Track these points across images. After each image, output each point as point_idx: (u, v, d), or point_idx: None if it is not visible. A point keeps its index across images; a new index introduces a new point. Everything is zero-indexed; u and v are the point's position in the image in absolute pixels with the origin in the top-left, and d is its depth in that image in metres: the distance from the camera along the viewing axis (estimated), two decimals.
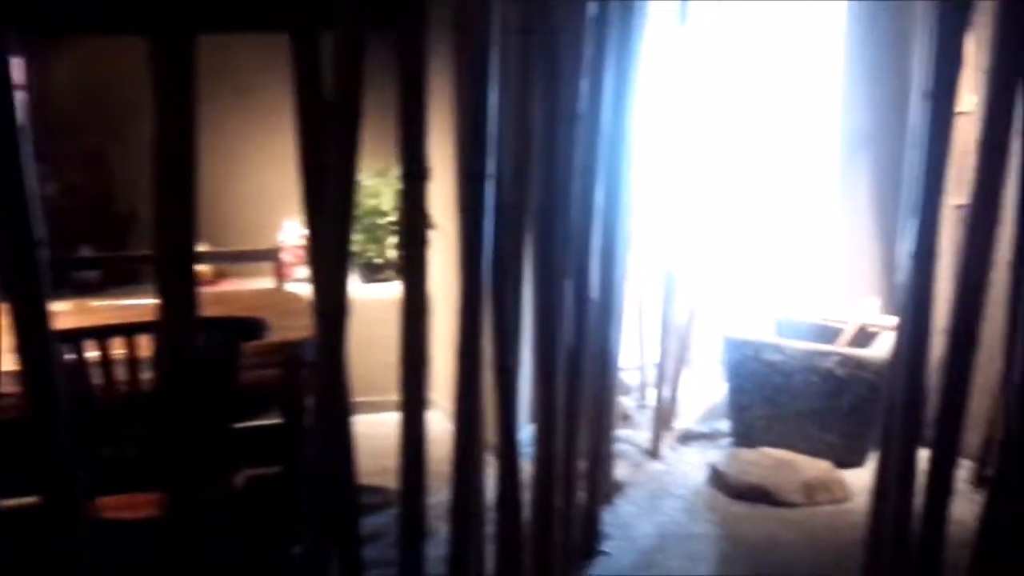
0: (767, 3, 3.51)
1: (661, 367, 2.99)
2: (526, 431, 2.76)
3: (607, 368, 2.33)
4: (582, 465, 2.26)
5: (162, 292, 1.18)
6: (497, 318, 1.66)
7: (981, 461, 2.56)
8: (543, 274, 1.88)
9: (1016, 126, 1.68)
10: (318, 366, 1.33)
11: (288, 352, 1.78)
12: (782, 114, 3.72)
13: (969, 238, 1.71)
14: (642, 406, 3.33)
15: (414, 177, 1.39)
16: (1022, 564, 1.52)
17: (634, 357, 3.39)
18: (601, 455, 2.39)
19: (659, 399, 2.96)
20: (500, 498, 1.85)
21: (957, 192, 2.73)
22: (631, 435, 3.04)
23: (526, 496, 1.93)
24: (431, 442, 1.61)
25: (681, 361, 3.19)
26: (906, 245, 1.82)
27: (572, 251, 1.95)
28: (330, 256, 1.30)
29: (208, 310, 1.31)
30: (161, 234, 1.19)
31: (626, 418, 3.21)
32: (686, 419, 3.26)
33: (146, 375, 1.58)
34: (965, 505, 2.23)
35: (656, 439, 2.93)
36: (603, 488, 2.44)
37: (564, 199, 1.86)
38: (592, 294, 2.08)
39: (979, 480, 2.54)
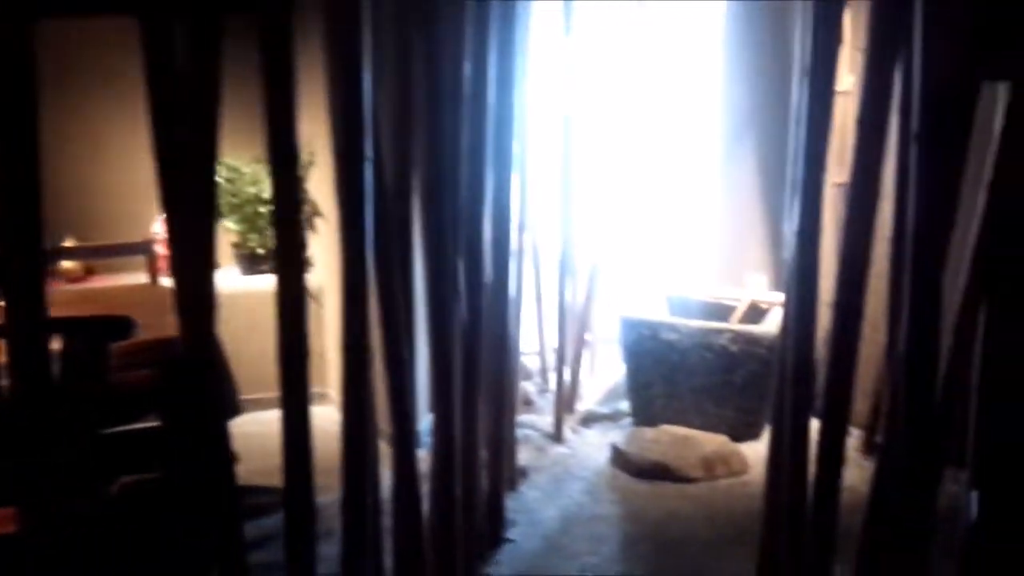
0: None
1: (561, 350, 2.99)
2: (426, 421, 2.71)
3: (506, 353, 2.29)
4: (484, 453, 2.23)
5: (8, 293, 1.07)
6: (384, 306, 1.60)
7: (869, 429, 2.66)
8: (433, 259, 1.82)
9: (894, 104, 1.72)
10: (184, 365, 1.24)
11: (161, 351, 1.67)
12: (669, 99, 3.78)
13: (851, 215, 1.74)
14: (544, 390, 3.32)
15: (283, 162, 1.30)
16: (911, 530, 1.56)
17: (535, 341, 3.38)
18: (503, 441, 2.36)
19: (560, 382, 2.96)
20: (396, 491, 1.79)
21: (837, 170, 2.83)
22: (534, 420, 3.03)
23: (426, 487, 1.89)
24: (327, 438, 1.54)
25: (581, 343, 3.20)
26: (791, 222, 1.85)
27: (463, 234, 1.90)
28: (192, 248, 1.21)
29: (73, 309, 1.20)
30: (5, 231, 1.08)
31: (528, 403, 3.20)
32: (588, 401, 3.27)
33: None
34: (856, 472, 2.31)
35: (558, 422, 2.93)
36: (506, 475, 2.41)
37: (452, 181, 1.81)
38: (485, 278, 2.04)
39: (868, 447, 2.64)
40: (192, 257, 1.25)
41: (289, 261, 1.31)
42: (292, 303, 1.32)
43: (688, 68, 3.68)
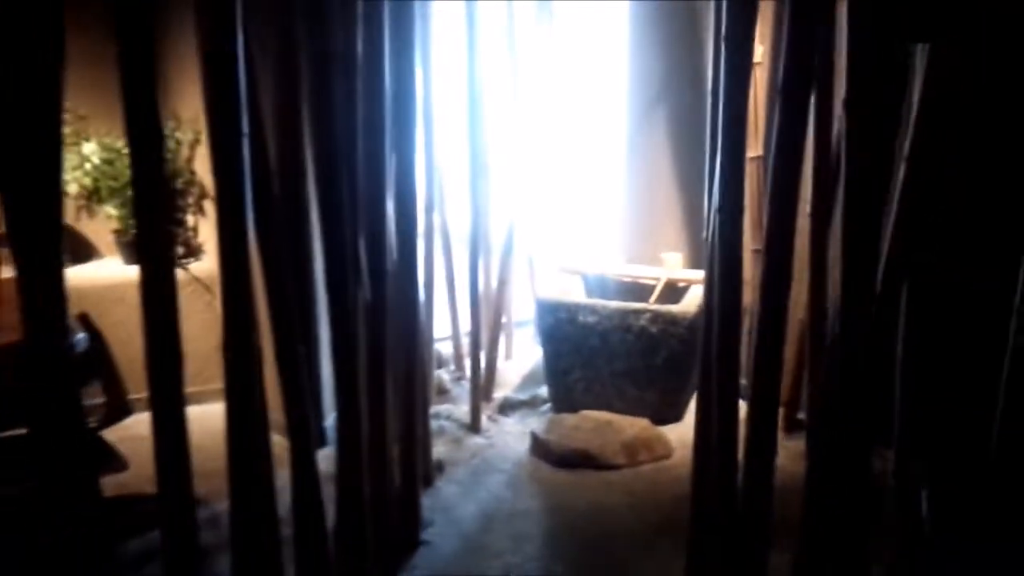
0: None
1: (475, 335, 2.86)
2: (332, 417, 2.55)
3: (416, 340, 2.15)
4: (396, 448, 2.08)
5: None
6: (272, 295, 1.43)
7: (790, 406, 2.62)
8: (330, 241, 1.66)
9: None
10: (32, 368, 1.06)
11: (16, 354, 1.46)
12: (578, 74, 3.68)
13: (775, 189, 1.65)
14: (459, 378, 3.18)
15: (142, 138, 1.12)
16: (848, 511, 1.50)
17: (448, 326, 3.24)
18: (416, 435, 2.21)
19: (476, 369, 2.82)
20: (295, 496, 1.63)
21: (752, 144, 2.79)
22: (450, 409, 2.89)
23: (331, 490, 1.73)
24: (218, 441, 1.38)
25: (497, 328, 3.08)
26: (712, 199, 1.76)
27: (363, 215, 1.74)
28: (36, 237, 1.03)
29: None
30: None
31: (443, 392, 3.06)
32: (505, 388, 3.15)
33: None
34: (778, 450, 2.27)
35: (475, 411, 2.80)
36: (421, 471, 2.27)
37: (347, 159, 1.64)
38: (390, 261, 1.89)
39: (788, 425, 2.61)
40: (36, 248, 1.06)
41: (153, 252, 1.14)
42: (159, 299, 1.14)
43: (595, 39, 3.58)
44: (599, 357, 2.74)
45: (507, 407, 2.98)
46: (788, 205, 1.64)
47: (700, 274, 2.95)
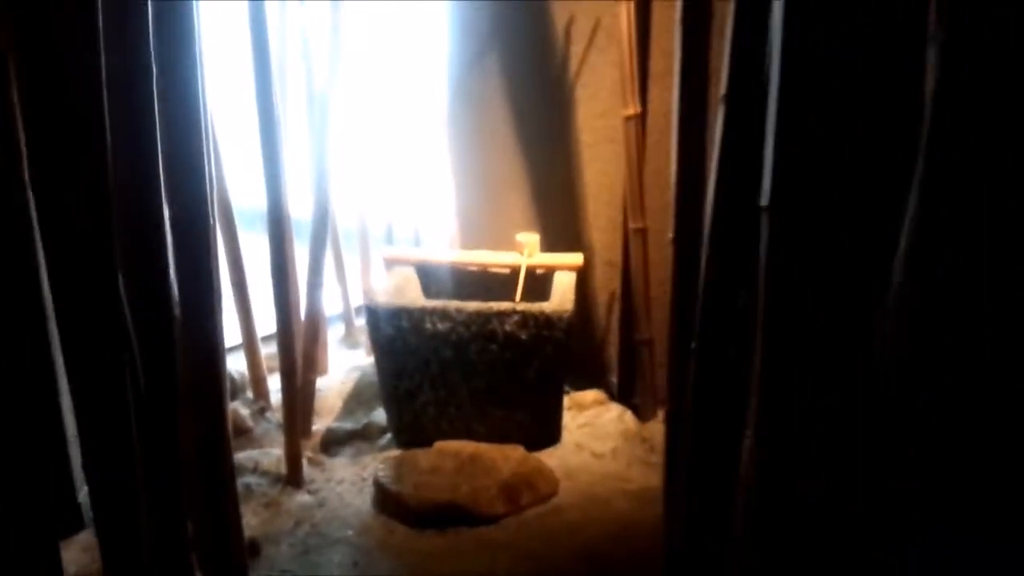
0: None
1: (287, 349, 2.12)
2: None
3: (215, 370, 1.45)
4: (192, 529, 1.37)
5: None
6: None
7: None
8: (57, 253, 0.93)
9: None
10: None
11: None
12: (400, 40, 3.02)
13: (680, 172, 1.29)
14: (262, 410, 2.44)
15: None
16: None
17: (241, 339, 2.48)
18: (224, 510, 1.52)
19: (290, 396, 2.10)
20: None
21: (628, 101, 2.31)
22: (255, 458, 2.15)
23: None
24: None
25: (313, 337, 2.36)
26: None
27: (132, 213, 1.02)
28: None
29: None
30: None
31: (242, 432, 2.31)
32: (326, 415, 2.46)
33: None
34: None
35: (293, 457, 2.09)
36: (225, 561, 1.57)
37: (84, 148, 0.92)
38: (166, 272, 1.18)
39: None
40: None
41: None
42: None
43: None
44: (454, 372, 2.14)
45: (333, 443, 2.29)
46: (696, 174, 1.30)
47: (563, 257, 2.44)
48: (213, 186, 2.06)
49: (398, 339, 2.12)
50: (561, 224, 2.60)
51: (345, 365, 2.79)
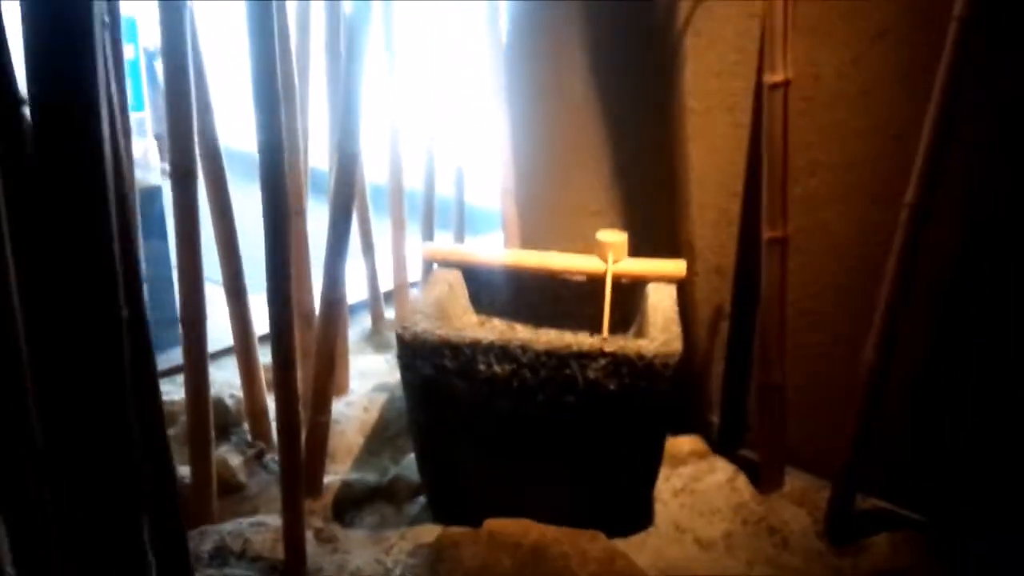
0: None
1: (284, 384, 1.54)
2: None
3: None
4: None
5: None
6: None
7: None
8: None
9: None
10: None
11: None
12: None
13: None
14: (260, 454, 1.88)
15: None
16: None
17: (239, 358, 1.91)
18: None
19: (286, 457, 1.53)
20: None
21: (777, 64, 1.65)
22: (247, 533, 1.59)
23: None
24: None
25: (328, 352, 1.77)
26: None
27: None
28: None
29: None
30: None
31: (234, 489, 1.77)
32: (341, 458, 1.90)
33: None
34: None
35: (292, 537, 1.54)
36: None
37: None
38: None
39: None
40: None
41: None
42: None
43: None
44: (513, 430, 1.57)
45: (349, 504, 1.74)
46: None
47: (659, 265, 1.83)
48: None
49: (439, 383, 1.54)
50: (651, 216, 1.98)
51: (370, 379, 2.22)
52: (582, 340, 1.51)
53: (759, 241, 1.80)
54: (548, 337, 1.52)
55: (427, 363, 1.53)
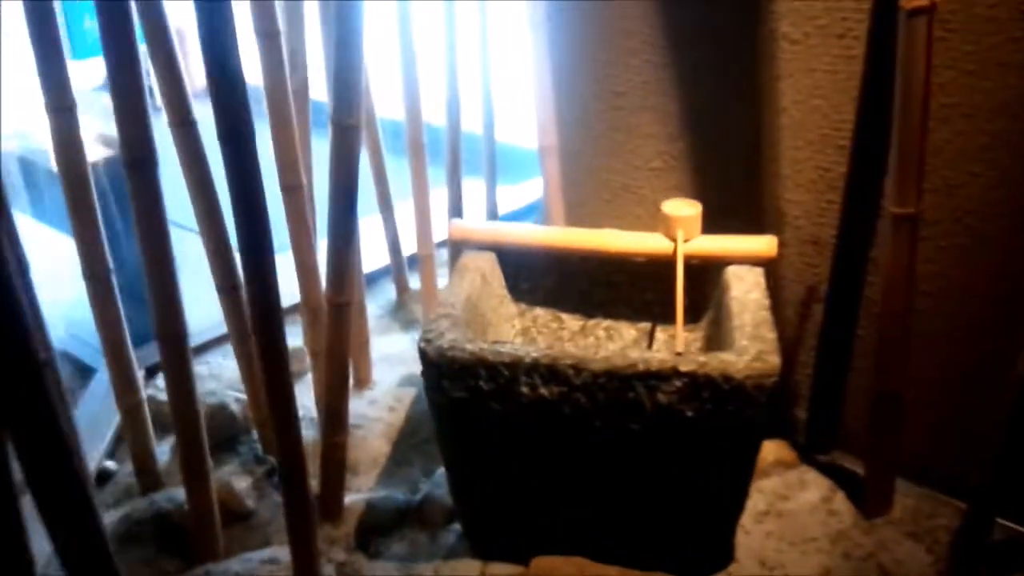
0: None
1: (277, 390, 1.24)
2: None
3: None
4: None
5: None
6: None
7: None
8: None
9: None
10: None
11: None
12: None
13: None
14: (271, 471, 1.62)
15: None
16: None
17: (239, 360, 1.64)
18: None
19: (286, 467, 1.26)
20: None
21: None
22: (259, 567, 1.36)
23: None
24: None
25: (340, 339, 1.48)
26: None
27: None
28: None
29: None
30: None
31: (239, 516, 1.52)
32: (365, 470, 1.63)
33: None
34: None
35: (305, 568, 1.30)
36: None
37: None
38: None
39: None
40: None
41: None
42: None
43: None
44: (566, 464, 1.28)
45: (375, 530, 1.48)
46: None
47: (743, 243, 1.49)
48: None
49: (473, 408, 1.25)
50: (729, 175, 1.62)
51: (395, 367, 1.93)
52: (650, 357, 1.19)
53: (871, 209, 1.45)
54: (607, 353, 1.20)
55: (457, 385, 1.24)
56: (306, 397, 1.74)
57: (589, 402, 1.21)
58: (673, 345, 1.55)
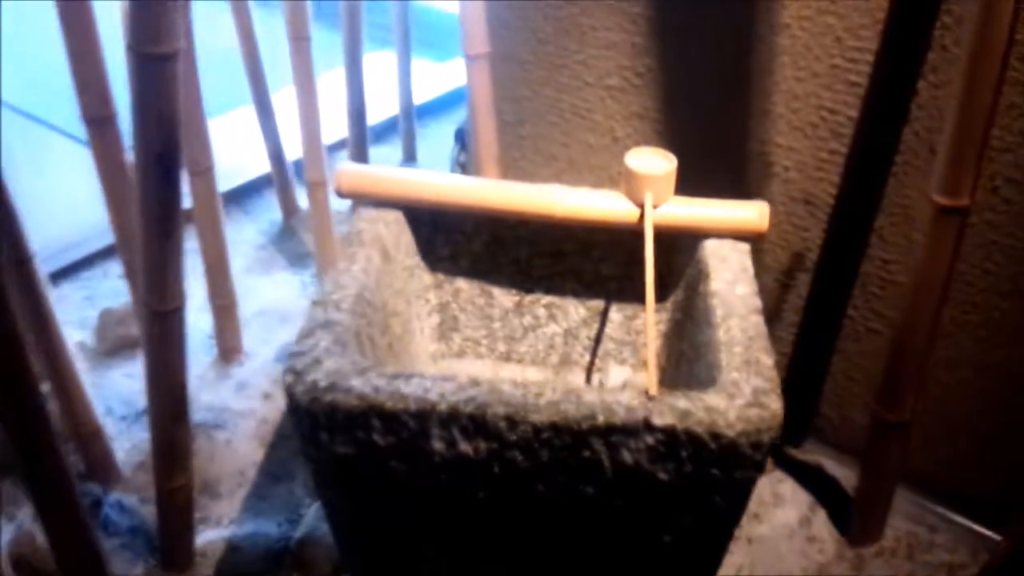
0: None
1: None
2: None
3: None
4: None
5: None
6: None
7: None
8: None
9: None
10: None
11: None
12: None
13: None
14: (97, 503, 1.23)
15: None
16: None
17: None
18: None
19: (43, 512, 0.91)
20: None
21: None
22: None
23: None
24: None
25: (177, 424, 1.10)
26: None
27: None
28: None
29: None
30: None
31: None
32: (231, 492, 1.27)
33: None
34: None
35: None
36: None
37: None
38: None
39: None
40: None
41: None
42: None
43: None
44: (495, 538, 0.95)
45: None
46: None
47: (726, 211, 1.13)
48: None
49: (365, 467, 0.89)
50: (705, 106, 1.25)
51: (276, 329, 1.53)
52: (613, 405, 0.85)
53: (883, 169, 1.12)
54: (552, 397, 0.85)
55: (341, 439, 0.87)
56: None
57: (528, 461, 0.87)
58: (634, 327, 1.22)
